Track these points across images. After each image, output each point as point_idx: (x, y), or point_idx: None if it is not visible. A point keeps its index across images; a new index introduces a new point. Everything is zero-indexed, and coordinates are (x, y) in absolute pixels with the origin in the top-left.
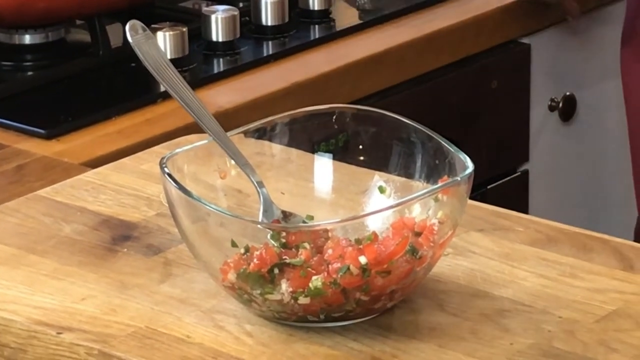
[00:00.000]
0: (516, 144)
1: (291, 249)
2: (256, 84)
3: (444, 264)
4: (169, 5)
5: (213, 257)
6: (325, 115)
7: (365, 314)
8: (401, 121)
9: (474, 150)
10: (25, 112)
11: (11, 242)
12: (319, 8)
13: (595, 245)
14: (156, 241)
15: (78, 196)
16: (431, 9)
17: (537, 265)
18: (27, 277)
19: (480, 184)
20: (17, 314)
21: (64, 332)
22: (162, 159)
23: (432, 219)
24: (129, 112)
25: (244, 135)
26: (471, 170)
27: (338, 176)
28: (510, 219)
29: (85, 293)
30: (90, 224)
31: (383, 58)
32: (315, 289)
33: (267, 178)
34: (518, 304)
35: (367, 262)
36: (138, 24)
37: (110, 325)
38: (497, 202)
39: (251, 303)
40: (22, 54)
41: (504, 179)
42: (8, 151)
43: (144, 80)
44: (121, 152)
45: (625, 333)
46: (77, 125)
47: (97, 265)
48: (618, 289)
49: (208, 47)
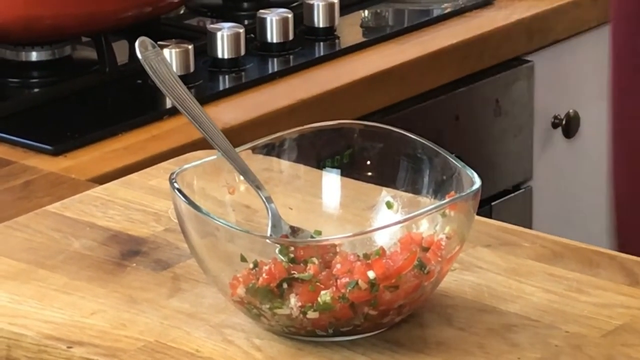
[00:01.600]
0: (520, 160)
1: (299, 263)
2: (261, 100)
3: (451, 279)
4: (175, 22)
5: (222, 272)
6: (332, 131)
7: (373, 329)
8: (408, 137)
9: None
10: (32, 128)
11: (21, 257)
12: (323, 25)
13: (601, 261)
14: (165, 256)
15: (87, 211)
16: (435, 26)
17: (544, 281)
18: (37, 292)
19: (484, 201)
20: (28, 328)
21: (74, 346)
22: (172, 175)
23: (439, 234)
24: (135, 128)
25: (252, 152)
26: (479, 186)
27: (345, 192)
28: (517, 234)
29: (94, 307)
30: (99, 239)
31: (387, 75)
32: (324, 303)
33: (275, 194)
34: (525, 318)
35: (375, 277)
36: (147, 40)
37: (120, 339)
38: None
39: (260, 317)
40: (29, 71)
41: (508, 196)
42: (16, 167)
43: (150, 96)
44: (128, 168)
45: (632, 348)
46: (84, 142)
47: (106, 280)
48: (624, 304)
49: (213, 64)
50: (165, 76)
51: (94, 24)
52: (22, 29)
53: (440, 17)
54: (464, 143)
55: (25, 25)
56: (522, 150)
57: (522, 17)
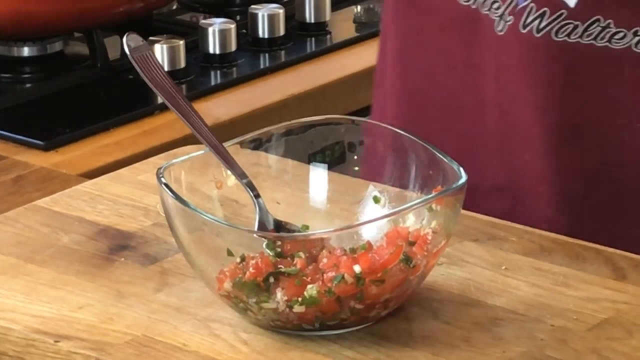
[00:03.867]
0: None
1: (286, 258)
2: (253, 96)
3: (437, 273)
4: (166, 18)
5: (209, 266)
6: (321, 126)
7: (359, 323)
8: (395, 132)
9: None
10: (23, 123)
11: (9, 252)
12: (315, 21)
13: (587, 255)
14: (153, 251)
15: (76, 206)
16: None
17: (530, 275)
18: (25, 286)
19: None
20: (16, 322)
21: (61, 340)
22: (159, 169)
23: (425, 229)
24: (126, 123)
25: (240, 146)
26: (464, 180)
27: (333, 186)
28: (504, 229)
29: (82, 302)
30: (88, 234)
31: None
32: (310, 297)
33: (263, 188)
34: (511, 312)
35: (361, 271)
36: (136, 35)
37: (108, 333)
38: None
39: (247, 311)
40: (21, 66)
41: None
42: (7, 162)
43: (141, 92)
44: (119, 163)
45: (617, 341)
46: (75, 137)
47: (94, 275)
48: (610, 298)
49: (205, 59)
50: (154, 72)
51: (85, 20)
52: (13, 25)
53: None
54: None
55: (17, 20)
56: None
57: None
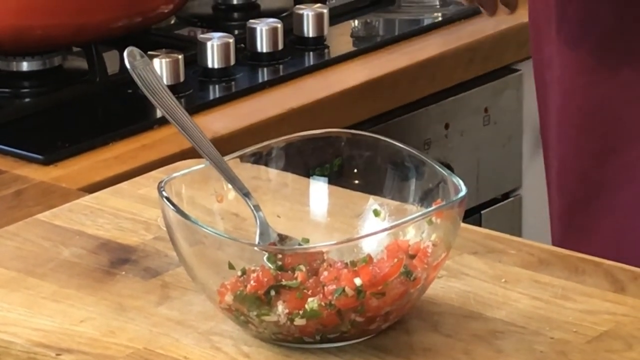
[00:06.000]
0: (509, 169)
1: (287, 271)
2: (251, 110)
3: (437, 285)
4: (165, 32)
5: (210, 279)
6: (320, 140)
7: (360, 335)
8: (395, 145)
9: (467, 175)
10: (23, 138)
11: (10, 266)
12: (313, 35)
13: (587, 268)
14: (154, 264)
15: (76, 220)
16: (424, 36)
17: (530, 287)
18: (26, 300)
19: (474, 209)
20: (17, 335)
21: (63, 353)
22: (160, 183)
23: (425, 242)
24: (125, 137)
25: (240, 160)
26: (464, 194)
27: (333, 200)
28: (503, 242)
29: (84, 315)
30: (89, 248)
31: (377, 84)
32: (311, 310)
33: (263, 202)
34: (511, 325)
35: (362, 283)
36: (136, 50)
37: (109, 346)
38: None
39: (248, 324)
40: (20, 81)
41: (498, 204)
42: (7, 177)
43: (140, 106)
44: (118, 177)
45: (617, 354)
46: (74, 151)
47: (95, 288)
48: (610, 311)
49: (203, 73)
50: (154, 86)
51: (84, 34)
52: (12, 39)
53: (429, 27)
54: (453, 152)
55: (16, 35)
56: (511, 158)
57: (510, 26)
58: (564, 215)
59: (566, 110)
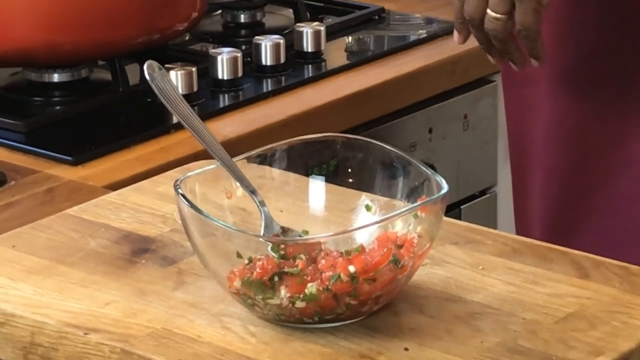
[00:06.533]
0: (485, 169)
1: (289, 259)
2: (257, 116)
3: (422, 272)
4: (180, 47)
5: (221, 267)
6: (318, 143)
7: (354, 316)
8: (385, 148)
9: (449, 174)
10: (54, 141)
11: (43, 255)
12: (311, 50)
13: (554, 256)
14: (170, 253)
15: (102, 214)
16: (410, 50)
17: (504, 274)
18: (57, 285)
19: (454, 204)
20: (50, 317)
21: (90, 332)
22: (176, 181)
23: (412, 233)
24: (145, 141)
25: (247, 161)
26: (446, 191)
27: (330, 196)
28: (481, 233)
29: (108, 299)
30: (113, 239)
31: (369, 93)
32: (310, 294)
33: (267, 198)
34: (487, 307)
35: (355, 270)
36: (154, 63)
37: (131, 326)
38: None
39: (254, 307)
40: (52, 91)
41: (475, 200)
42: (40, 176)
43: (158, 113)
44: (138, 176)
45: (581, 332)
46: (100, 153)
47: (118, 275)
48: (575, 294)
49: (214, 84)
50: (170, 95)
51: (108, 49)
52: (45, 53)
53: (415, 42)
54: (437, 153)
55: (48, 50)
56: (487, 160)
57: None
58: (547, 219)
59: (554, 124)
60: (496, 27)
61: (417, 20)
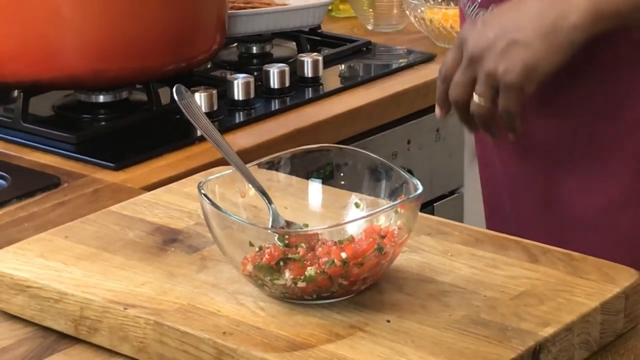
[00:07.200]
0: (454, 173)
1: (292, 247)
2: (266, 130)
3: (402, 258)
4: (203, 73)
5: (236, 254)
6: (316, 152)
7: (345, 294)
8: (371, 156)
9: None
10: (100, 151)
11: (90, 244)
12: (311, 76)
13: (510, 245)
14: (195, 243)
15: (139, 211)
16: (393, 76)
17: (469, 259)
18: (102, 269)
19: (428, 202)
20: (95, 295)
21: (129, 308)
22: (199, 184)
23: (393, 226)
24: (174, 151)
25: (258, 167)
26: (421, 191)
27: (326, 196)
28: (449, 226)
29: (144, 280)
30: (147, 231)
31: (358, 111)
32: (310, 276)
33: (274, 197)
34: (455, 286)
35: (346, 257)
36: (182, 87)
37: (162, 302)
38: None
39: (263, 286)
40: (97, 109)
41: (446, 199)
42: (87, 179)
43: (185, 128)
44: (169, 179)
45: (532, 307)
46: (137, 160)
47: (152, 260)
48: (527, 276)
49: (231, 104)
50: (195, 113)
51: (144, 75)
52: (92, 79)
53: (397, 69)
54: (414, 160)
55: (95, 75)
56: (455, 166)
57: None
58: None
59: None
60: (481, 110)
61: (399, 52)
